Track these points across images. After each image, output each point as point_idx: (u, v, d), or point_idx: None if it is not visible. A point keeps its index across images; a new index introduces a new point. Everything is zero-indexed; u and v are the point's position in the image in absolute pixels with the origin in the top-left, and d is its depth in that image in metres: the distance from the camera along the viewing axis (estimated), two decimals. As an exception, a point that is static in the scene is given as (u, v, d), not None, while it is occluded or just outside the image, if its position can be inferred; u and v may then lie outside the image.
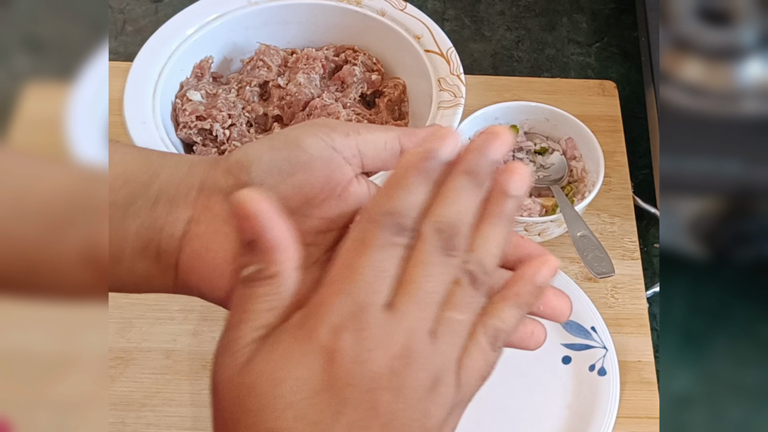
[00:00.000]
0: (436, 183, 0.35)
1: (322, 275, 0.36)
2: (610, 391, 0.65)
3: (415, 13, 0.76)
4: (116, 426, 0.64)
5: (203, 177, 0.38)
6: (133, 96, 0.70)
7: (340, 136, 0.38)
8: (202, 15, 0.76)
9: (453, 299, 0.35)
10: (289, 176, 0.37)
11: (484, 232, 0.36)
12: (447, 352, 0.34)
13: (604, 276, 0.66)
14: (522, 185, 0.35)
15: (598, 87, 0.85)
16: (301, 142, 0.38)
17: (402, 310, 0.33)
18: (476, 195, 0.35)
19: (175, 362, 0.67)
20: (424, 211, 0.35)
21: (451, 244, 0.34)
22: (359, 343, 0.33)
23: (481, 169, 0.35)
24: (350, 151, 0.38)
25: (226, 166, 0.38)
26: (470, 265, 0.35)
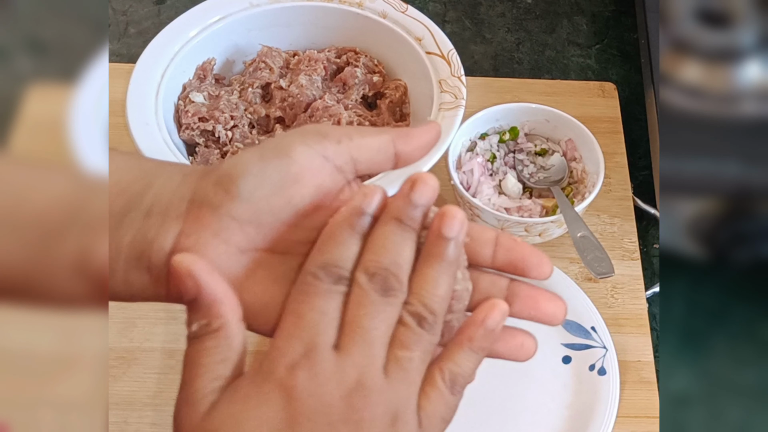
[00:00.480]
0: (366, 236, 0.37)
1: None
2: (609, 391, 0.65)
3: (416, 15, 0.77)
4: (119, 425, 0.64)
5: (194, 188, 0.38)
6: (135, 97, 0.71)
7: (331, 144, 0.38)
8: (205, 17, 0.76)
9: (400, 337, 0.36)
10: (279, 188, 0.37)
11: (423, 273, 0.37)
12: (401, 389, 0.35)
13: (604, 276, 0.67)
14: (457, 228, 0.36)
15: (598, 88, 0.86)
16: (292, 152, 0.37)
17: (348, 349, 0.35)
18: (406, 239, 0.36)
19: (177, 362, 0.67)
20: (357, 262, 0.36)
21: (387, 285, 0.36)
22: (312, 378, 0.34)
23: (408, 214, 0.36)
24: (342, 159, 0.38)
25: (216, 178, 0.38)
26: (414, 307, 0.36)
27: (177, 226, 0.37)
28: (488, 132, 0.77)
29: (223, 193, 0.37)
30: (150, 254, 0.37)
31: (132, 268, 0.38)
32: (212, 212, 0.37)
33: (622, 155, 0.81)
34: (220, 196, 0.37)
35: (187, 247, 0.37)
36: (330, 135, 0.38)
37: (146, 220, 0.37)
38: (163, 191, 0.38)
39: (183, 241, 0.37)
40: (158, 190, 0.38)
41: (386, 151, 0.39)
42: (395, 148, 0.39)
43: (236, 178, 0.37)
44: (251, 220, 0.37)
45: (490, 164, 0.76)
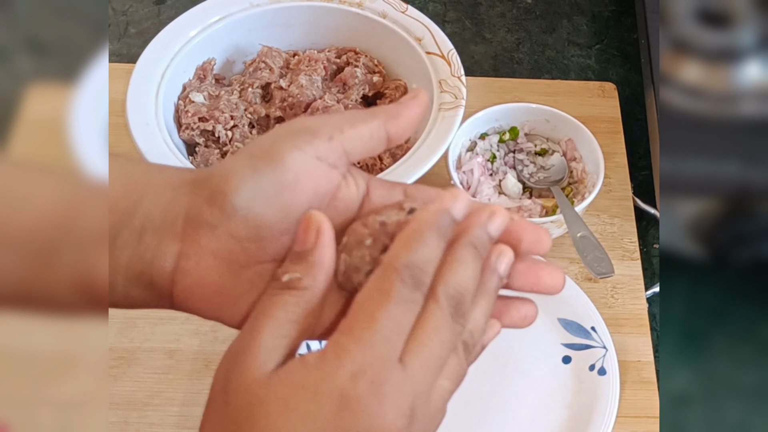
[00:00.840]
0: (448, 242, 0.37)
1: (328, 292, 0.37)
2: (609, 391, 0.65)
3: (416, 15, 0.77)
4: (119, 425, 0.64)
5: (188, 205, 0.37)
6: (136, 98, 0.71)
7: (323, 142, 0.38)
8: (205, 17, 0.76)
9: (448, 367, 0.36)
10: (274, 198, 0.37)
11: (477, 304, 0.37)
12: (434, 417, 0.36)
13: (604, 276, 0.67)
14: (507, 268, 0.38)
15: (598, 88, 0.86)
16: (284, 159, 0.37)
17: (413, 371, 0.35)
18: (478, 267, 0.37)
19: (177, 362, 0.67)
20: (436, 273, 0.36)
21: (461, 312, 0.36)
22: (374, 395, 0.34)
23: (484, 243, 0.37)
24: (335, 155, 0.38)
25: (209, 194, 0.37)
26: (465, 335, 0.37)
27: (175, 246, 0.37)
28: (488, 132, 0.78)
29: (219, 211, 0.36)
30: (151, 274, 0.37)
31: (132, 286, 0.37)
32: (210, 232, 0.37)
33: (622, 155, 0.81)
34: (216, 215, 0.37)
35: (189, 270, 0.37)
36: (320, 132, 0.38)
37: (141, 240, 0.37)
38: (153, 208, 0.37)
39: (183, 263, 0.37)
40: (148, 207, 0.37)
41: (378, 137, 0.39)
42: (386, 132, 0.39)
43: (229, 194, 0.36)
44: (250, 237, 0.37)
45: (490, 164, 0.76)
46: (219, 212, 0.37)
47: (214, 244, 0.37)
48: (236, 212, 0.36)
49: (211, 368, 0.68)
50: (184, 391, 0.66)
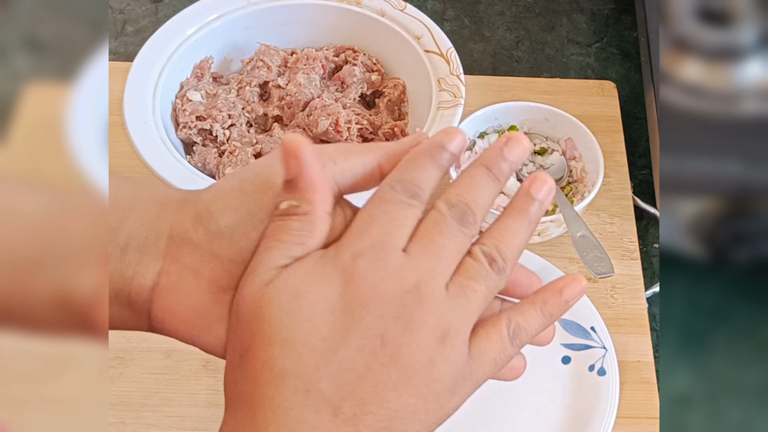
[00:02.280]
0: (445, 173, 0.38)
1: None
2: (609, 391, 0.65)
3: (415, 13, 0.77)
4: (116, 426, 0.64)
5: (173, 222, 0.37)
6: (133, 96, 0.70)
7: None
8: (202, 15, 0.76)
9: (468, 269, 0.36)
10: (260, 222, 0.37)
11: (505, 223, 0.38)
12: (458, 312, 0.36)
13: (604, 276, 0.67)
14: (546, 192, 0.38)
15: (597, 87, 0.86)
16: (273, 184, 0.37)
17: (415, 254, 0.35)
18: (491, 187, 0.37)
19: (174, 362, 0.67)
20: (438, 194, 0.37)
21: (464, 218, 0.36)
22: (374, 270, 0.35)
23: (498, 165, 0.37)
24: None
25: (195, 213, 0.37)
26: (488, 248, 0.37)
27: (156, 264, 0.37)
28: (487, 131, 0.77)
29: (203, 231, 0.36)
30: (129, 292, 0.37)
31: (111, 304, 0.37)
32: (193, 250, 0.37)
33: (622, 154, 0.80)
34: (200, 234, 0.36)
35: (168, 288, 0.36)
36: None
37: (123, 256, 0.37)
38: (138, 226, 0.37)
39: (163, 280, 0.36)
40: (133, 224, 0.37)
41: (371, 173, 0.39)
42: (381, 170, 0.39)
43: (217, 215, 0.37)
44: (233, 259, 0.36)
45: (489, 163, 0.76)
46: (204, 231, 0.37)
47: (197, 263, 0.36)
48: (221, 233, 0.36)
49: (209, 368, 0.68)
50: (181, 391, 0.66)
